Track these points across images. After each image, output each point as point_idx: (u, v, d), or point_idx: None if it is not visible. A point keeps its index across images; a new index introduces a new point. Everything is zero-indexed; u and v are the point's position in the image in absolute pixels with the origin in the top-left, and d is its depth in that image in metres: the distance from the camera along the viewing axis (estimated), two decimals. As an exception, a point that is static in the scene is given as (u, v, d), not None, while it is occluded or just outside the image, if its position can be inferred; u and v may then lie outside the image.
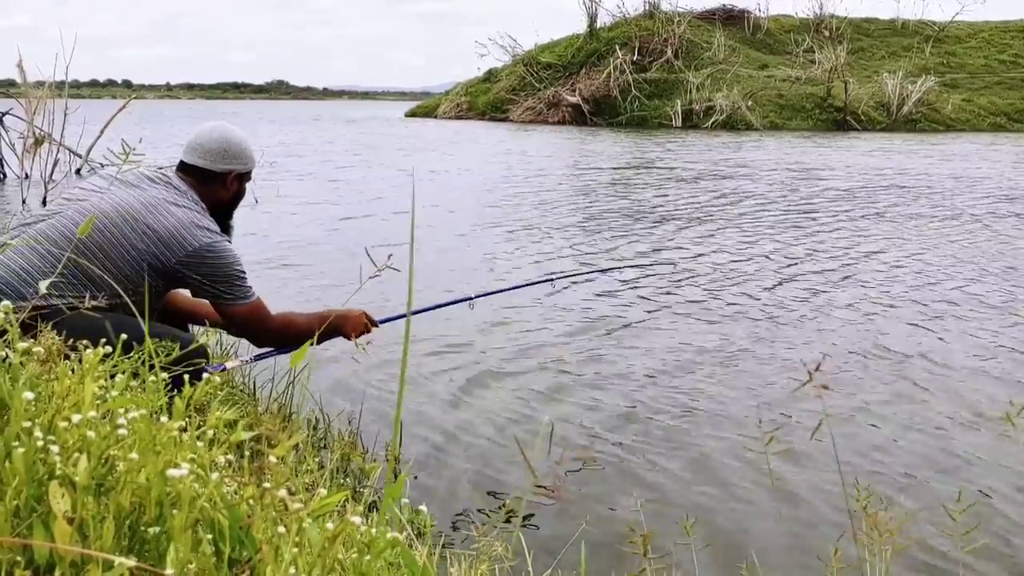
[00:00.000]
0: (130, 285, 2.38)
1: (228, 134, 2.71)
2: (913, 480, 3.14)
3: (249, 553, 0.96)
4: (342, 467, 2.98)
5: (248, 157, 2.75)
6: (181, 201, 2.55)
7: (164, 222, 2.47)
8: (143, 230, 2.44)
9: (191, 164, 2.67)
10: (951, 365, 4.43)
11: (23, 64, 10.79)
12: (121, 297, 2.32)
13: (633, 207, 10.54)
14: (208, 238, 2.52)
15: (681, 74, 32.65)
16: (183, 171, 2.68)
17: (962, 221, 9.55)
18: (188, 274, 2.50)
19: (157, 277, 2.46)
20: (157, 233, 2.45)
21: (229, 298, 2.59)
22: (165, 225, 2.47)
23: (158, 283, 2.48)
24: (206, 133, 2.69)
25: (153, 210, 2.48)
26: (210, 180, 2.68)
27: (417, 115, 42.30)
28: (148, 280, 2.39)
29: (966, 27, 38.37)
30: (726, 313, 5.49)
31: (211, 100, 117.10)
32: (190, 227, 2.50)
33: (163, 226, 2.46)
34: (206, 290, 2.56)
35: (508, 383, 4.11)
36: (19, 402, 1.01)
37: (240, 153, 2.72)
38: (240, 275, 2.60)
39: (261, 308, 2.69)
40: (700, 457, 3.31)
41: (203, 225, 2.54)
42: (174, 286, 2.61)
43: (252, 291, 2.65)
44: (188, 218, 2.52)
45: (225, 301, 2.59)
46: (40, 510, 0.94)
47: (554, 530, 2.73)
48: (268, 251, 7.22)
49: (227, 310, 2.61)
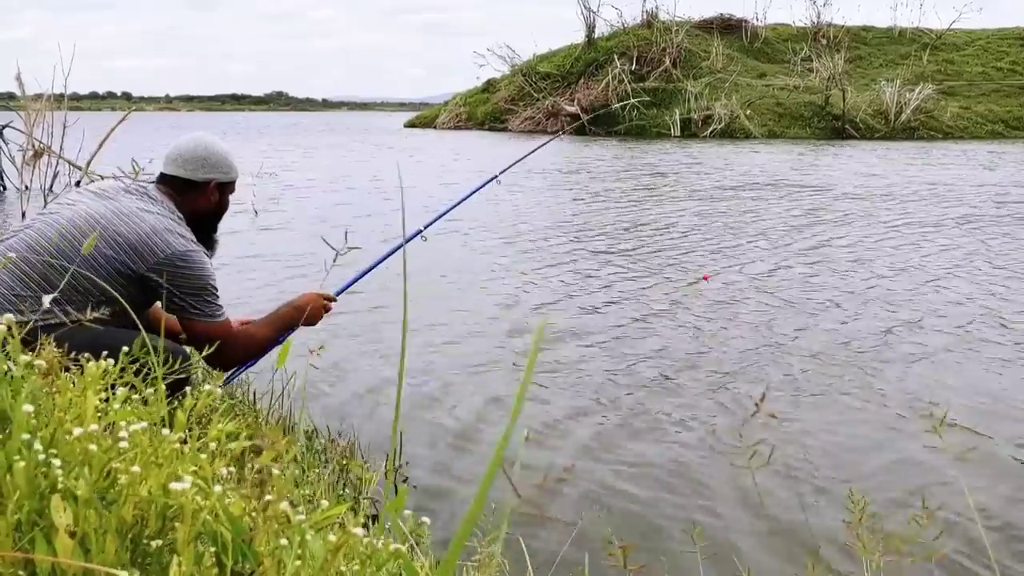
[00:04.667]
0: (101, 295, 2.28)
1: (208, 143, 2.66)
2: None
3: (252, 566, 0.96)
4: (341, 477, 2.98)
5: (229, 166, 2.68)
6: (154, 209, 2.48)
7: (135, 228, 2.40)
8: (112, 237, 2.37)
9: (170, 175, 2.61)
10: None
11: (21, 77, 10.82)
12: (102, 311, 2.30)
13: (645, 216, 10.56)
14: (182, 245, 2.44)
15: (679, 83, 32.72)
16: (162, 182, 2.62)
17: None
18: (159, 282, 2.39)
19: (128, 286, 2.38)
20: (127, 239, 2.38)
21: (196, 313, 2.48)
22: (136, 231, 2.40)
23: (131, 293, 2.37)
24: (185, 143, 2.64)
25: (124, 218, 2.41)
26: (189, 189, 2.61)
27: (416, 126, 42.35)
28: (120, 290, 2.30)
29: (963, 35, 38.45)
30: (720, 323, 5.49)
31: (211, 112, 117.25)
32: (163, 233, 2.42)
33: (134, 232, 2.39)
34: (175, 302, 2.45)
35: (497, 389, 4.11)
36: (20, 415, 1.01)
37: (220, 162, 2.65)
38: (212, 290, 2.51)
39: (228, 329, 2.58)
40: (684, 469, 3.31)
41: (177, 232, 2.46)
42: (149, 297, 2.51)
43: (222, 311, 2.56)
44: (161, 224, 2.44)
45: (192, 316, 2.48)
46: (42, 524, 0.94)
47: (551, 541, 2.72)
48: (246, 257, 7.23)
49: (193, 326, 2.50)
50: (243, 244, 8.06)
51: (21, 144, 10.76)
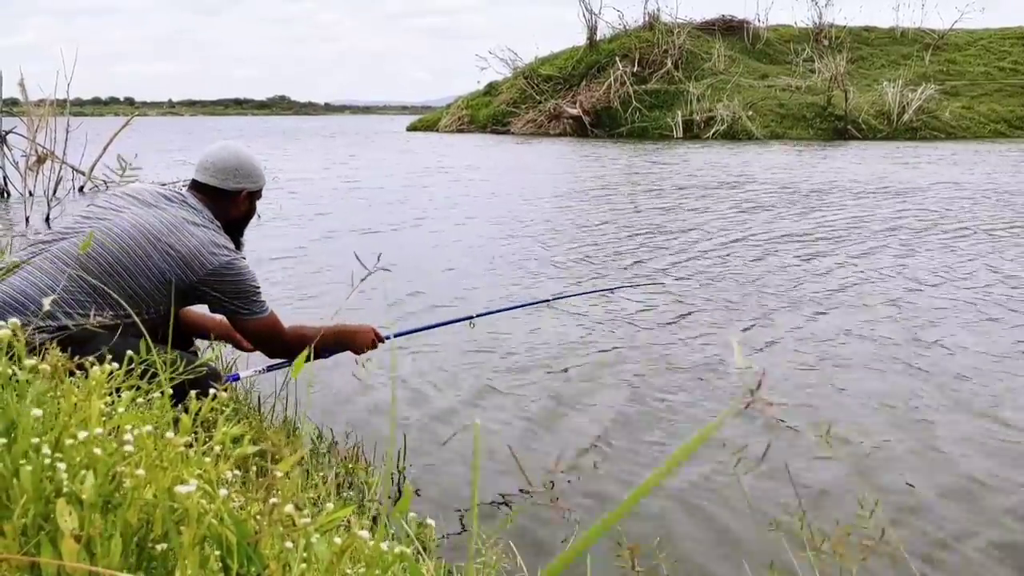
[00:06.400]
0: (151, 305, 2.46)
1: (239, 153, 2.77)
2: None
3: (257, 569, 0.96)
4: (345, 480, 2.98)
5: (259, 175, 2.82)
6: (199, 220, 2.61)
7: (185, 242, 2.52)
8: (165, 250, 2.49)
9: (203, 183, 2.72)
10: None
11: (24, 83, 10.87)
12: (130, 318, 2.33)
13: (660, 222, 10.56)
14: (227, 257, 2.59)
15: (681, 85, 32.73)
16: (196, 189, 2.74)
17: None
18: (207, 292, 2.57)
19: (176, 296, 2.51)
20: (179, 252, 2.50)
21: (246, 313, 2.66)
22: (187, 245, 2.52)
23: (176, 302, 2.52)
24: (216, 152, 2.75)
25: (174, 230, 2.53)
26: (222, 198, 2.74)
27: (419, 129, 42.43)
28: (167, 298, 2.47)
29: (965, 35, 38.41)
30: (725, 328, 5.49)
31: (213, 116, 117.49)
32: (210, 246, 2.56)
33: (184, 246, 2.52)
34: (224, 306, 2.63)
35: (505, 396, 4.11)
36: (26, 419, 1.01)
37: (251, 171, 2.78)
38: (256, 290, 2.68)
39: (276, 322, 2.76)
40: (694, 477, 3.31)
41: (221, 244, 2.61)
42: (190, 303, 2.68)
43: (267, 305, 2.72)
44: (208, 237, 2.57)
45: (242, 316, 2.66)
46: (48, 528, 0.94)
47: (555, 541, 2.72)
48: (272, 262, 7.24)
49: (244, 325, 2.70)
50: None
51: (24, 150, 10.80)
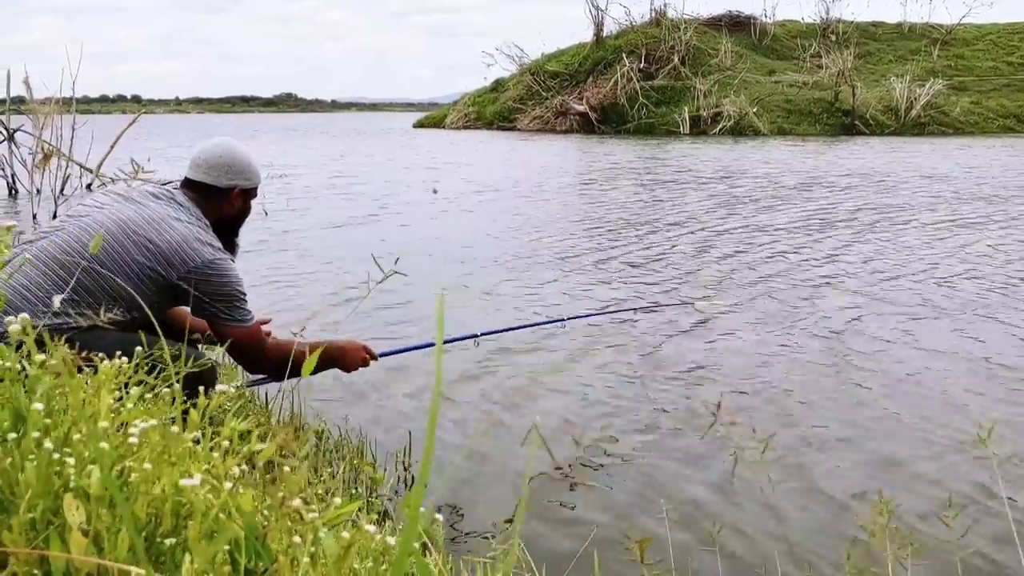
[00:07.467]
0: (131, 301, 2.35)
1: (232, 150, 2.67)
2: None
3: (265, 563, 0.96)
4: (352, 477, 2.98)
5: (253, 173, 2.71)
6: (183, 216, 2.51)
7: (166, 236, 2.43)
8: (144, 244, 2.40)
9: (195, 180, 2.63)
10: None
11: (29, 80, 10.89)
12: (127, 315, 2.32)
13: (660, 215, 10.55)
14: (211, 254, 2.48)
15: (688, 81, 32.66)
16: (187, 187, 2.64)
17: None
18: (189, 290, 2.44)
19: (158, 293, 2.43)
20: (159, 247, 2.41)
21: (226, 318, 2.53)
22: (167, 239, 2.43)
23: (159, 299, 2.44)
24: (209, 149, 2.65)
25: (155, 225, 2.44)
26: (214, 196, 2.64)
27: (425, 126, 42.41)
28: (149, 296, 2.37)
29: (973, 29, 38.25)
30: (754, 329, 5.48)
31: (220, 114, 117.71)
32: (192, 242, 2.46)
33: (165, 240, 2.42)
34: (205, 308, 2.50)
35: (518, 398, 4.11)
36: (35, 414, 1.01)
37: (244, 169, 2.67)
38: (240, 296, 2.55)
39: (258, 334, 2.64)
40: (716, 471, 3.30)
41: (206, 241, 2.50)
42: (175, 303, 2.56)
43: (251, 315, 2.60)
44: (191, 233, 2.47)
45: (222, 321, 2.53)
46: (56, 522, 0.94)
47: (564, 540, 2.71)
48: (279, 261, 7.26)
49: (224, 331, 2.55)
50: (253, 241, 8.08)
51: (31, 147, 10.83)
